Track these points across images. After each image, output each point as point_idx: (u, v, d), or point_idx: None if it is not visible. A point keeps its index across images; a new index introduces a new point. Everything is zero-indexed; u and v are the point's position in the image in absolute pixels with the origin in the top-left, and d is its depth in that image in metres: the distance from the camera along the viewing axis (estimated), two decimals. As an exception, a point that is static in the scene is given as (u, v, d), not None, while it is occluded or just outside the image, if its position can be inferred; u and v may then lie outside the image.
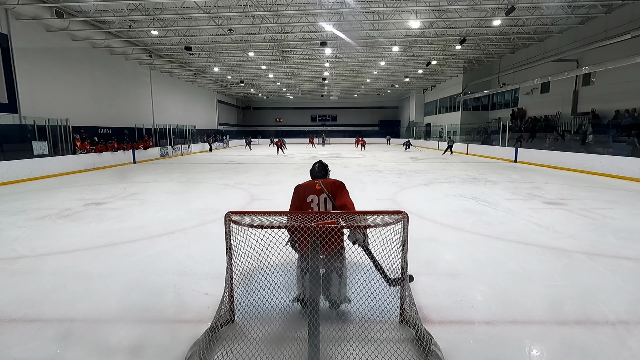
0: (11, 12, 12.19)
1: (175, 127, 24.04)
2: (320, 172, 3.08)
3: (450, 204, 7.25)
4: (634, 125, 12.09)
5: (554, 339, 2.58)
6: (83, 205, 7.38)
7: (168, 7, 13.25)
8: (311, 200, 2.81)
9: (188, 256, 4.33)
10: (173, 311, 3.03)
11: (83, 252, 4.53)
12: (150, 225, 5.80)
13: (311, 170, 3.14)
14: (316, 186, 2.83)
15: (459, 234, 5.18)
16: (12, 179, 10.62)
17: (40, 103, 13.42)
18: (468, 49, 20.11)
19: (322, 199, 2.79)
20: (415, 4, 13.12)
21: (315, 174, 3.08)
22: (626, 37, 11.89)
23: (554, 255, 4.29)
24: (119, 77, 19.05)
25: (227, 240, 2.53)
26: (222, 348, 2.42)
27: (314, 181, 2.92)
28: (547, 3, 12.79)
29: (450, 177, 11.54)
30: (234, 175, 12.31)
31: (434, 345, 2.36)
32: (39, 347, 2.51)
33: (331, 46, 18.54)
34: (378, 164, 16.39)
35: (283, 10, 13.22)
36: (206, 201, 7.87)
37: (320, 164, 3.14)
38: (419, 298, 3.15)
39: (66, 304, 3.14)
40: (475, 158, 19.48)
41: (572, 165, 13.05)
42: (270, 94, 40.84)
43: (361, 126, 45.77)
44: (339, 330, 2.60)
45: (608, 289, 3.38)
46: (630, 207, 6.86)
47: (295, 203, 2.90)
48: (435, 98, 33.48)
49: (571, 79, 16.35)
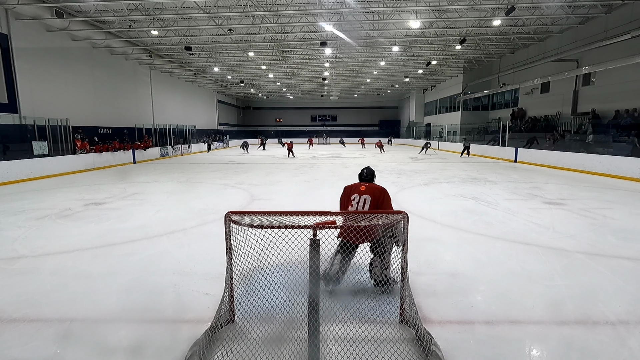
0: (11, 12, 12.19)
1: (175, 127, 24.05)
2: (368, 176, 3.56)
3: (450, 204, 7.25)
4: (634, 125, 12.09)
5: (554, 339, 2.59)
6: (83, 205, 7.38)
7: (168, 7, 13.25)
8: (353, 199, 3.31)
9: (188, 256, 4.33)
10: (173, 311, 3.03)
11: (83, 252, 4.53)
12: (150, 225, 5.79)
13: (360, 174, 3.61)
14: (361, 187, 3.35)
15: (459, 234, 5.18)
16: (12, 179, 10.62)
17: (40, 103, 13.42)
18: (468, 49, 20.11)
19: (362, 199, 3.26)
20: (415, 4, 13.12)
21: (362, 178, 3.56)
22: (626, 37, 11.89)
23: (554, 255, 4.29)
24: (119, 77, 19.04)
25: (227, 240, 2.53)
26: (222, 348, 2.42)
27: (360, 184, 3.44)
28: (547, 3, 12.79)
29: (450, 177, 11.54)
30: (234, 175, 12.31)
31: (434, 345, 2.36)
32: (39, 347, 2.51)
33: (331, 46, 18.54)
34: (378, 164, 16.39)
35: (283, 10, 13.22)
36: (206, 201, 7.87)
37: (369, 170, 3.62)
38: (419, 298, 3.15)
39: (66, 304, 3.15)
40: (475, 158, 19.48)
41: (572, 165, 13.05)
42: (270, 94, 40.84)
43: (361, 126, 45.78)
44: (339, 330, 2.61)
45: (608, 289, 3.38)
46: (630, 207, 6.86)
47: (342, 199, 3.49)
48: (435, 98, 33.48)
49: (571, 79, 16.35)
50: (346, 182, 3.22)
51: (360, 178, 3.59)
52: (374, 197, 3.26)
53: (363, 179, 3.55)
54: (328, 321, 2.67)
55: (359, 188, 3.36)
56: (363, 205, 3.23)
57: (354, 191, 3.36)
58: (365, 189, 3.33)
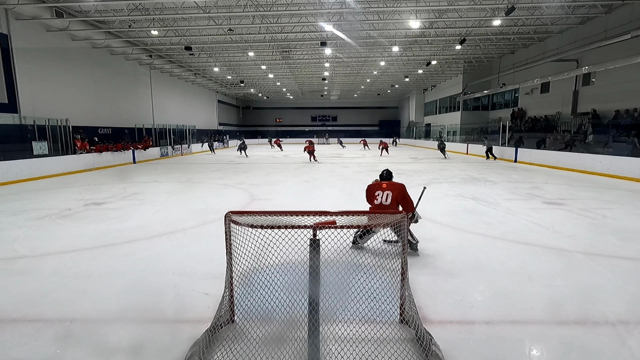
0: (11, 12, 12.19)
1: (175, 127, 24.04)
2: (387, 176, 4.40)
3: (450, 204, 7.25)
4: (634, 125, 12.09)
5: (554, 339, 2.58)
6: (83, 205, 7.38)
7: (168, 7, 13.25)
8: (377, 195, 4.11)
9: (188, 256, 4.33)
10: (173, 311, 3.03)
11: (83, 252, 4.52)
12: (150, 225, 5.79)
13: (380, 175, 4.46)
14: (383, 185, 4.18)
15: (459, 234, 5.18)
16: (12, 179, 10.62)
17: (40, 103, 13.41)
18: (468, 49, 20.11)
19: (385, 194, 4.09)
20: (415, 4, 13.11)
21: (383, 177, 4.41)
22: (626, 37, 11.89)
23: (554, 255, 4.29)
24: (119, 77, 19.04)
25: (227, 240, 2.53)
26: (222, 348, 2.42)
27: (381, 182, 4.27)
28: (547, 3, 12.78)
29: (450, 177, 11.54)
30: (234, 175, 12.31)
31: (434, 345, 2.36)
32: (39, 347, 2.51)
33: (331, 46, 18.54)
34: (378, 164, 16.39)
35: (283, 10, 13.21)
36: (206, 201, 7.87)
37: (387, 171, 4.47)
38: (419, 298, 3.15)
39: (66, 304, 3.15)
40: (476, 158, 19.47)
41: (572, 165, 13.05)
42: (270, 94, 40.83)
43: (361, 126, 45.76)
44: (339, 330, 2.61)
45: (608, 289, 3.38)
46: (630, 207, 6.86)
47: (368, 196, 4.30)
48: (435, 98, 33.47)
49: (571, 79, 16.34)
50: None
51: (381, 178, 4.40)
52: (394, 192, 4.07)
53: (383, 178, 4.37)
54: (328, 321, 2.67)
55: (381, 186, 4.16)
56: (386, 198, 4.04)
57: (377, 188, 4.15)
58: (386, 186, 4.13)
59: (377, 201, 4.08)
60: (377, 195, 4.10)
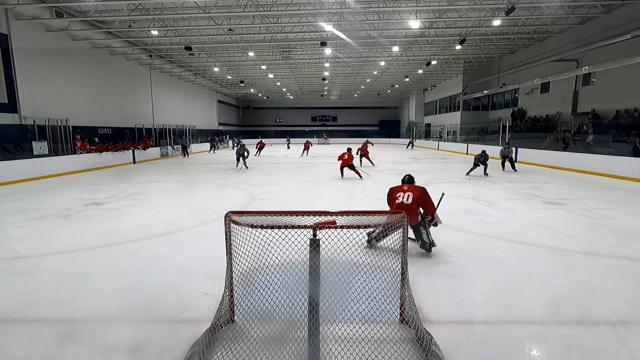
0: (11, 12, 12.18)
1: (175, 127, 24.02)
2: (409, 180, 4.67)
3: (450, 204, 7.22)
4: (634, 125, 12.09)
5: (554, 339, 2.58)
6: (83, 205, 7.38)
7: (168, 7, 13.24)
8: (399, 195, 4.29)
9: (188, 256, 4.33)
10: (173, 311, 3.03)
11: (83, 252, 4.52)
12: (150, 225, 5.79)
13: (402, 179, 4.74)
14: (404, 187, 4.40)
15: (459, 234, 5.18)
16: (12, 179, 10.62)
17: (40, 103, 13.41)
18: (468, 49, 20.10)
19: (406, 196, 4.25)
20: (415, 4, 13.12)
21: (404, 182, 4.67)
22: (626, 37, 11.89)
23: (554, 255, 4.29)
24: (119, 77, 19.04)
25: (227, 240, 2.53)
26: (222, 348, 2.42)
27: (402, 185, 4.50)
28: (547, 3, 12.78)
29: (450, 177, 11.54)
30: (234, 175, 12.31)
31: (434, 345, 2.36)
32: (39, 347, 2.51)
33: (331, 46, 18.53)
34: (378, 164, 16.38)
35: (283, 10, 13.21)
36: (206, 201, 7.87)
37: (409, 176, 4.78)
38: (419, 298, 3.15)
39: (66, 304, 3.14)
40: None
41: (572, 165, 13.05)
42: (270, 94, 40.82)
43: (361, 126, 45.75)
44: (339, 330, 2.60)
45: (608, 289, 3.38)
46: (630, 207, 6.86)
47: (389, 198, 4.50)
48: (435, 98, 33.47)
49: (571, 79, 16.33)
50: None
51: (403, 182, 4.67)
52: (415, 193, 4.25)
53: (405, 182, 4.64)
54: (328, 321, 2.67)
55: (402, 188, 4.40)
56: (407, 199, 4.22)
57: (398, 190, 4.38)
58: (407, 189, 4.35)
59: (398, 201, 4.23)
60: (398, 196, 4.27)
